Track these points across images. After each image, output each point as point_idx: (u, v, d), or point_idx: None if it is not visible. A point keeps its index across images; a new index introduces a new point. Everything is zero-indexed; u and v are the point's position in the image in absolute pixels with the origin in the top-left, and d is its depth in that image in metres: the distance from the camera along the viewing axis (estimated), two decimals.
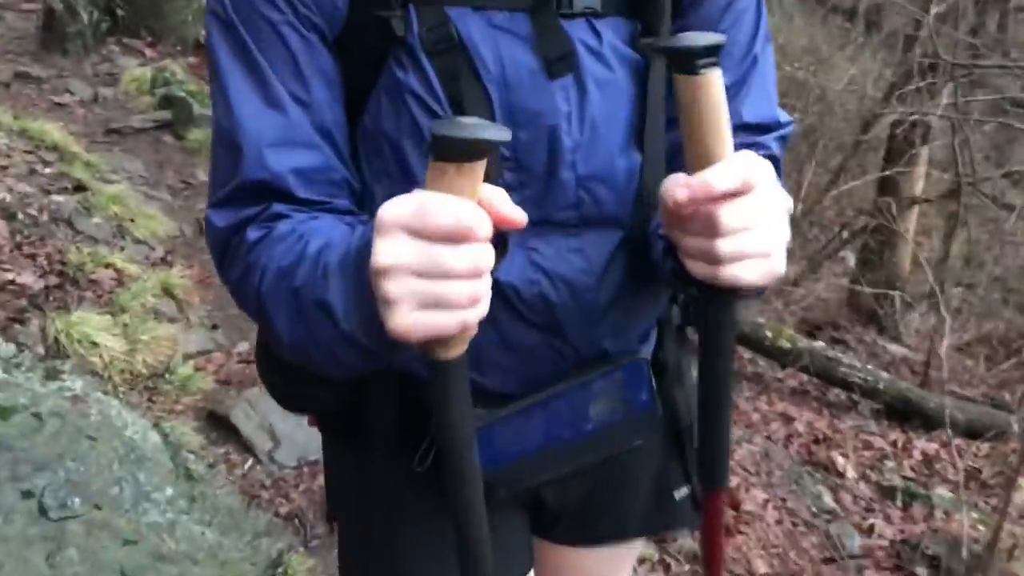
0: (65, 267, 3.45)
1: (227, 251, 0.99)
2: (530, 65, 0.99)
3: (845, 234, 7.51)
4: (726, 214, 0.84)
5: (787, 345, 5.99)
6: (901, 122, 5.80)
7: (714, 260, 0.87)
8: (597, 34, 1.01)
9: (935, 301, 6.28)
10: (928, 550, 4.03)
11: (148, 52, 6.58)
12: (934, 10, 5.35)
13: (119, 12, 6.54)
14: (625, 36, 1.03)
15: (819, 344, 6.30)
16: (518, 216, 0.80)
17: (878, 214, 6.60)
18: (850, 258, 8.10)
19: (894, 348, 7.12)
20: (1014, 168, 6.84)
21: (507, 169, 1.01)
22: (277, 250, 0.93)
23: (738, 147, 0.89)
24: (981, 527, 4.33)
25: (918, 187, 7.15)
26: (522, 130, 0.99)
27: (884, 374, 6.19)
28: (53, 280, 3.36)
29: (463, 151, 0.74)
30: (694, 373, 1.08)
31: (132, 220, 4.05)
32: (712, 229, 0.85)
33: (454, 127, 0.73)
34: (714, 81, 0.83)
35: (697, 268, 0.89)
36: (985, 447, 5.82)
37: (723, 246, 0.85)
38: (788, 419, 5.60)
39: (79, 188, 4.12)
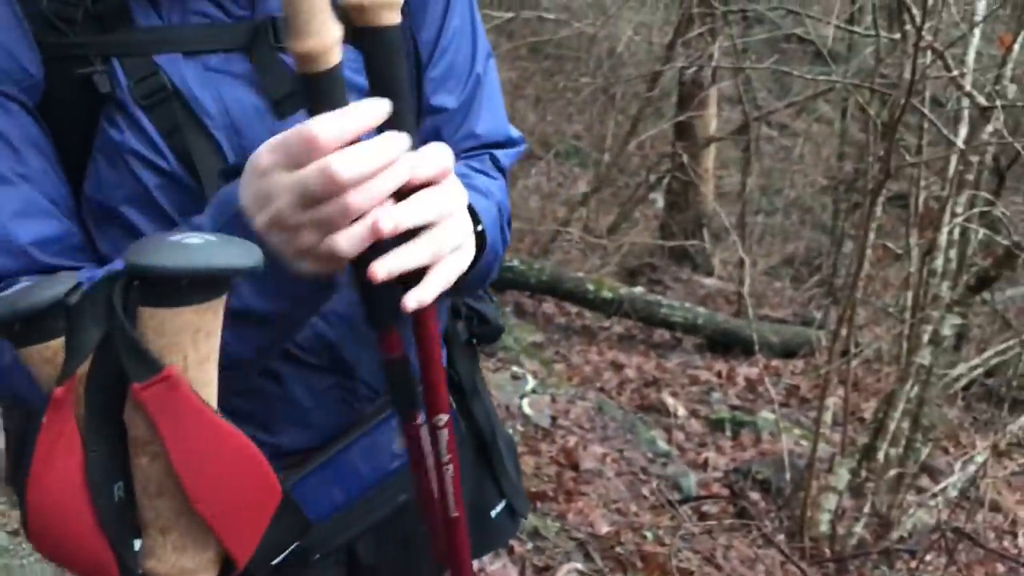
0: None
1: None
2: (256, 105, 0.93)
3: (651, 179, 7.75)
4: None
5: (609, 295, 6.17)
6: (688, 67, 6.01)
7: None
8: None
9: (740, 232, 6.62)
10: (759, 475, 4.27)
11: None
12: None
13: None
14: (354, 63, 0.98)
15: (639, 289, 6.52)
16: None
17: (678, 156, 6.85)
18: (659, 200, 8.39)
19: (709, 282, 7.45)
20: (793, 99, 7.23)
21: None
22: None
23: (475, 158, 0.90)
24: (804, 442, 4.61)
25: (712, 126, 7.46)
26: None
27: (702, 309, 6.48)
28: None
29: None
30: (506, 376, 1.06)
31: None
32: None
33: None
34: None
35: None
36: (800, 364, 6.21)
37: None
38: (619, 366, 5.78)
39: None
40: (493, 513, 1.29)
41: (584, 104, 8.22)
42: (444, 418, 0.90)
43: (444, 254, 0.83)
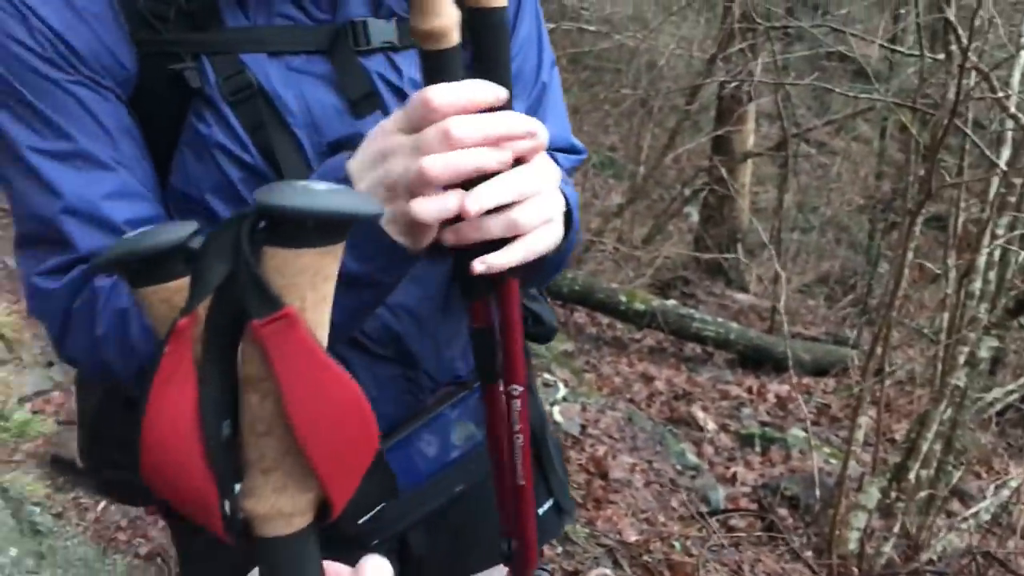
0: None
1: (71, 315, 0.93)
2: (336, 105, 0.97)
3: (687, 192, 7.75)
4: None
5: (641, 307, 6.17)
6: (728, 82, 6.02)
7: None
8: (396, 68, 1.00)
9: (776, 249, 6.60)
10: (787, 491, 4.25)
11: None
12: None
13: None
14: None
15: (671, 302, 6.51)
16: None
17: (714, 170, 6.85)
18: (693, 214, 8.38)
19: (742, 297, 7.43)
20: (833, 117, 7.20)
21: None
22: (115, 308, 0.88)
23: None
24: (833, 460, 4.59)
25: (749, 141, 7.45)
26: None
27: (734, 324, 6.46)
28: None
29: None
30: (538, 383, 1.09)
31: None
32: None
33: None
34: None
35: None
36: (832, 383, 6.18)
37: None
38: (649, 379, 5.78)
39: None
40: (541, 511, 1.31)
41: (622, 116, 8.23)
42: (519, 388, 0.92)
43: (535, 226, 0.84)
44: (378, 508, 1.10)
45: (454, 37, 0.79)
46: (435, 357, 1.12)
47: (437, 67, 0.79)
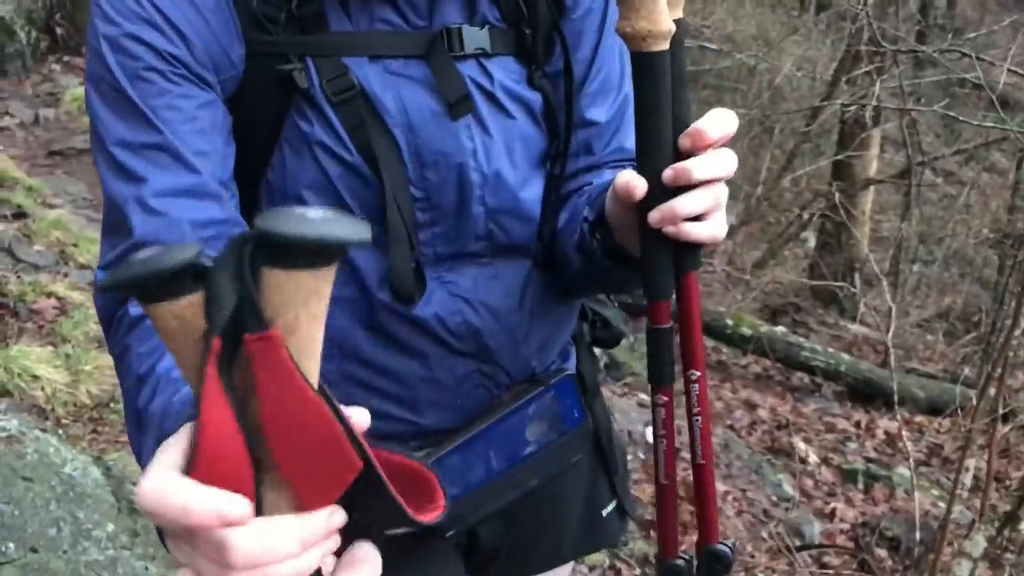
0: (5, 298, 3.40)
1: (111, 323, 0.96)
2: (432, 107, 1.01)
3: (804, 216, 7.56)
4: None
5: (748, 332, 6.04)
6: (851, 105, 5.84)
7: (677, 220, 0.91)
8: (488, 74, 1.04)
9: (893, 280, 6.35)
10: (888, 531, 4.08)
11: None
12: None
13: (58, 30, 6.45)
14: (517, 74, 1.07)
15: (780, 329, 6.35)
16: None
17: (833, 196, 6.65)
18: (810, 240, 8.16)
19: (855, 328, 7.18)
20: (962, 146, 6.90)
21: (418, 209, 1.03)
22: (143, 348, 0.88)
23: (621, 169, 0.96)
24: (941, 504, 4.38)
25: (872, 168, 7.21)
26: (431, 170, 1.03)
27: (845, 356, 6.25)
28: None
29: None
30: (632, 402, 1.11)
31: (75, 245, 4.00)
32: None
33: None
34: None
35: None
36: (947, 423, 5.90)
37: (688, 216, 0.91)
38: (752, 406, 5.64)
39: (19, 215, 4.06)
40: (605, 512, 1.34)
41: (740, 135, 8.10)
42: (697, 373, 0.96)
43: (716, 211, 0.92)
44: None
45: (659, 43, 0.84)
46: (512, 354, 1.14)
47: (641, 70, 0.86)
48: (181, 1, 0.93)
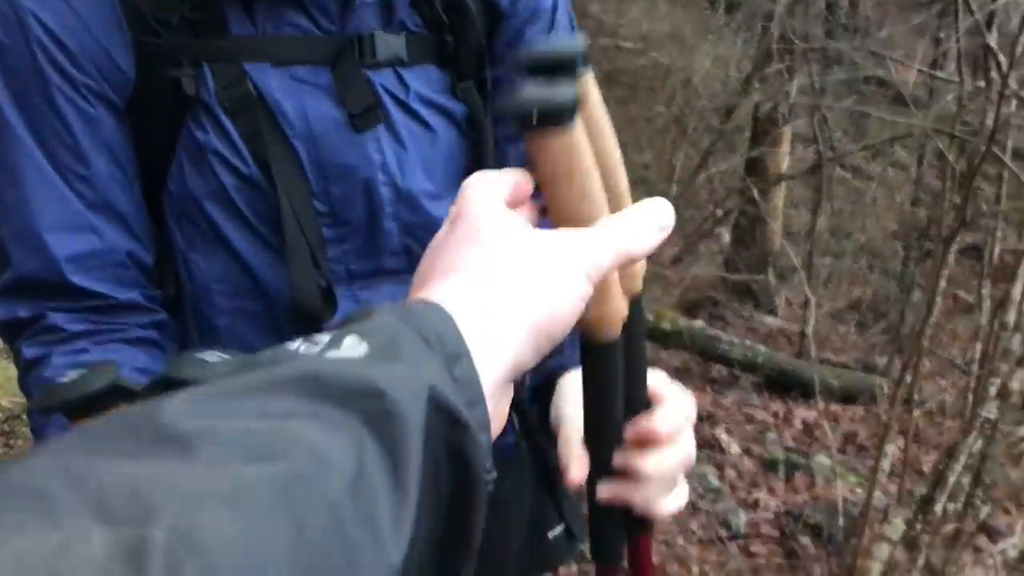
0: None
1: (9, 341, 0.95)
2: (336, 118, 0.96)
3: (719, 213, 7.70)
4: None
5: (668, 327, 6.13)
6: (764, 102, 5.98)
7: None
8: (404, 83, 0.99)
9: (807, 273, 6.53)
10: (810, 519, 4.19)
11: None
12: None
13: None
14: (437, 85, 1.02)
15: (699, 323, 6.45)
16: None
17: (747, 192, 6.80)
18: (724, 236, 8.31)
19: (771, 321, 7.35)
20: (870, 142, 7.13)
21: (324, 224, 0.98)
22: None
23: None
24: (859, 490, 4.51)
25: (784, 164, 7.38)
26: (335, 184, 0.97)
27: (762, 348, 6.39)
28: None
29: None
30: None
31: None
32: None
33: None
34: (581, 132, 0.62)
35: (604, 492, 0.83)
36: (860, 411, 6.08)
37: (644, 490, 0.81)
38: None
39: None
40: (551, 534, 1.30)
41: (655, 134, 8.21)
42: None
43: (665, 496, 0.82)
44: None
45: (613, 330, 0.71)
46: None
47: (592, 357, 0.73)
48: (60, 11, 0.88)
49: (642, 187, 9.22)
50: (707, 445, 5.00)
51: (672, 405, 0.80)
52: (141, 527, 0.32)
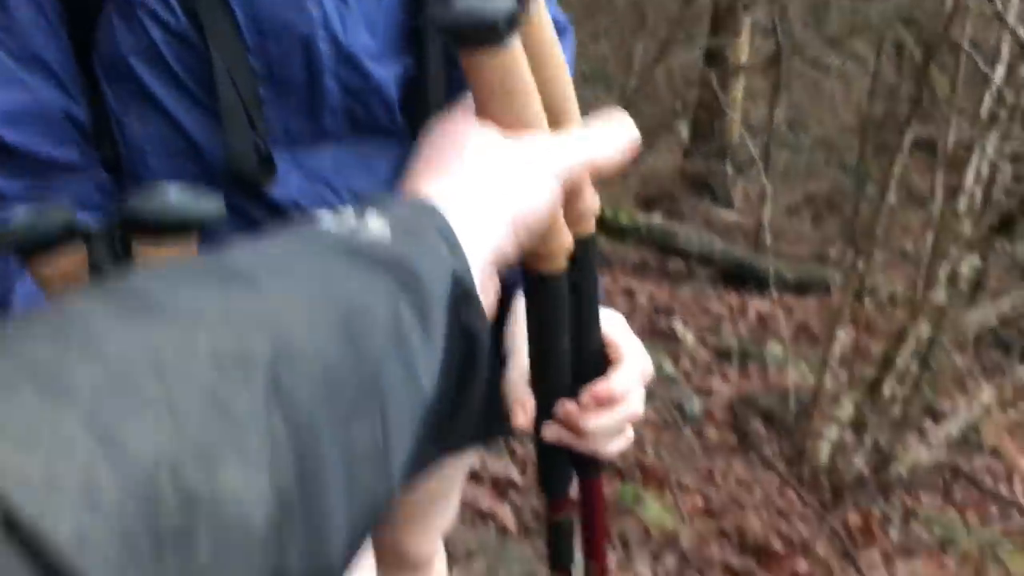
0: None
1: None
2: None
3: (677, 106, 7.64)
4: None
5: (626, 222, 6.13)
6: None
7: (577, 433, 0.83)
8: None
9: (765, 165, 6.53)
10: (763, 405, 4.29)
11: None
12: None
13: None
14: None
15: (656, 218, 6.47)
16: None
17: (707, 83, 6.74)
18: (682, 129, 8.28)
19: (727, 215, 7.39)
20: (829, 32, 7.06)
21: (261, 84, 0.93)
22: None
23: None
24: (810, 378, 4.62)
25: (743, 55, 7.31)
26: (272, 41, 0.91)
27: (719, 241, 6.45)
28: None
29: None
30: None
31: None
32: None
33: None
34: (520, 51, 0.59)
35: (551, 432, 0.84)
36: (814, 303, 6.20)
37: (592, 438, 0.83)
38: (630, 293, 5.77)
39: None
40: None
41: (613, 25, 8.06)
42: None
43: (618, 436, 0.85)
44: None
45: (557, 261, 0.71)
46: None
47: (535, 290, 0.73)
48: None
49: (600, 80, 9.11)
50: (663, 336, 5.08)
51: (630, 366, 0.82)
52: (241, 340, 0.36)
